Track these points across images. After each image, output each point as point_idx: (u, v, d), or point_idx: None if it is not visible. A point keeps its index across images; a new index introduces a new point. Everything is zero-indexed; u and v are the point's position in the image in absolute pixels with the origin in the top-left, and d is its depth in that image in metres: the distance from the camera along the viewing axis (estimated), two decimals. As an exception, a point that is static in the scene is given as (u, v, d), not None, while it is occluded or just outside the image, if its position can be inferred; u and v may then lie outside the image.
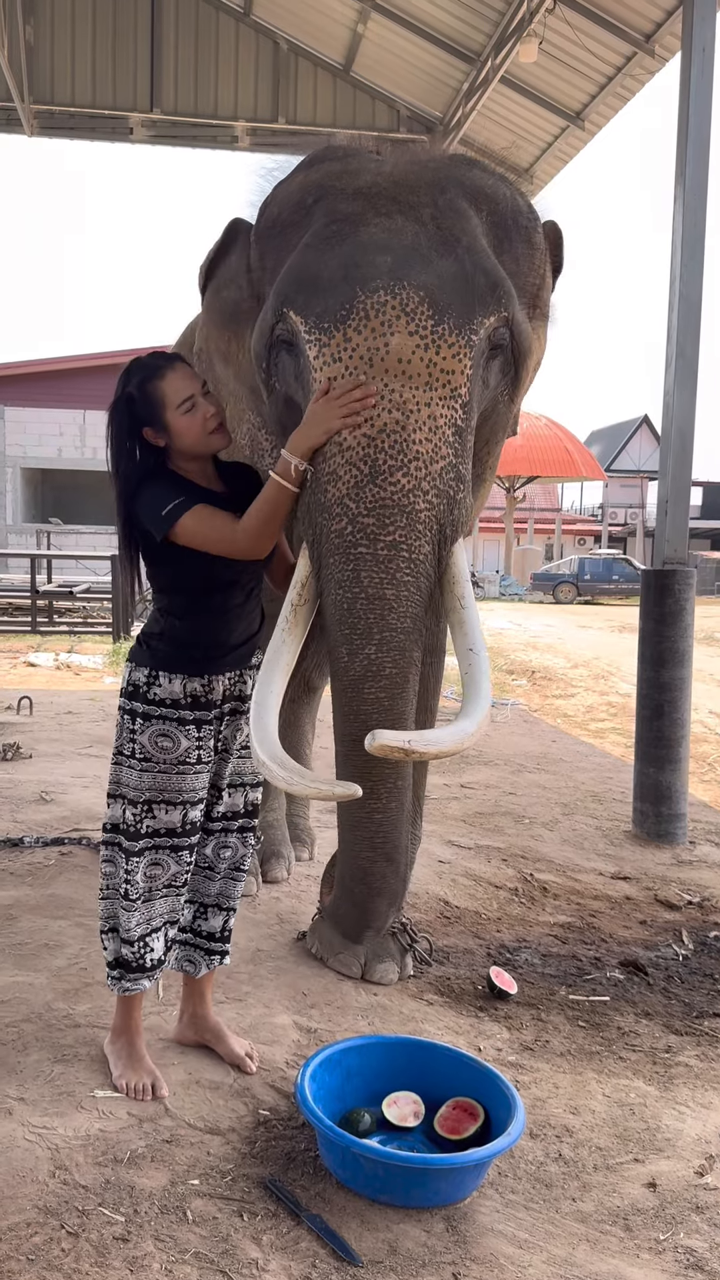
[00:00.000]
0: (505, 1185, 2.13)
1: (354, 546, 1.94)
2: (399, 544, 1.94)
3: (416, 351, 1.95)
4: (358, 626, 1.94)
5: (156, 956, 2.36)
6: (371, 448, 1.94)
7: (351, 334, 1.95)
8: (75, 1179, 2.04)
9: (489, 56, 8.36)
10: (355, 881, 2.11)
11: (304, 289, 2.02)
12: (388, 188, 2.12)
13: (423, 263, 2.00)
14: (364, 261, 1.99)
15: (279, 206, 2.24)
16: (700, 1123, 2.39)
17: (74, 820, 4.42)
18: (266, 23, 9.72)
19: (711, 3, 4.81)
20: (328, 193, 2.16)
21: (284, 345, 2.08)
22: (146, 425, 2.20)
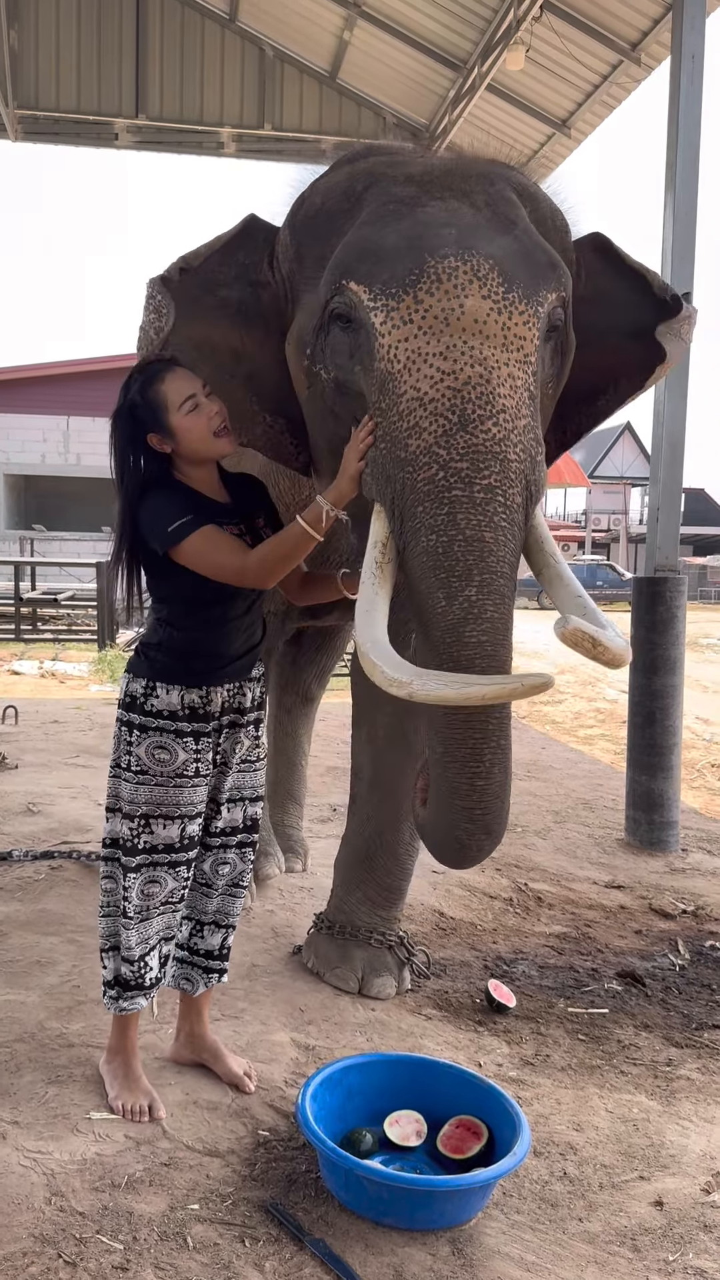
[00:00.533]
0: (510, 1205, 2.10)
1: (447, 491, 1.86)
2: (494, 488, 1.87)
3: (490, 314, 1.93)
4: (455, 569, 1.84)
5: (154, 974, 2.32)
6: (458, 398, 1.88)
7: (423, 296, 1.92)
8: (72, 1205, 2.00)
9: (475, 64, 8.36)
10: (449, 854, 2.02)
11: (366, 258, 1.99)
12: (440, 176, 2.12)
13: (486, 237, 2.00)
14: (429, 233, 1.98)
15: (322, 196, 2.21)
16: (705, 1138, 2.37)
17: (62, 832, 4.37)
18: (252, 29, 9.70)
19: (701, 10, 4.81)
20: (379, 179, 2.14)
21: (338, 321, 2.04)
22: (151, 431, 2.17)
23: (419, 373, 1.91)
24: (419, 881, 3.78)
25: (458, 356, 1.89)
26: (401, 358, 1.93)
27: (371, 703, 3.01)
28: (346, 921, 3.04)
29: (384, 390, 1.95)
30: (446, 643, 1.85)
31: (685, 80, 4.76)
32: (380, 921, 3.03)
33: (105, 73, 9.58)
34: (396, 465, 1.91)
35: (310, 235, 2.20)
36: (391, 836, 3.02)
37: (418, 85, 9.42)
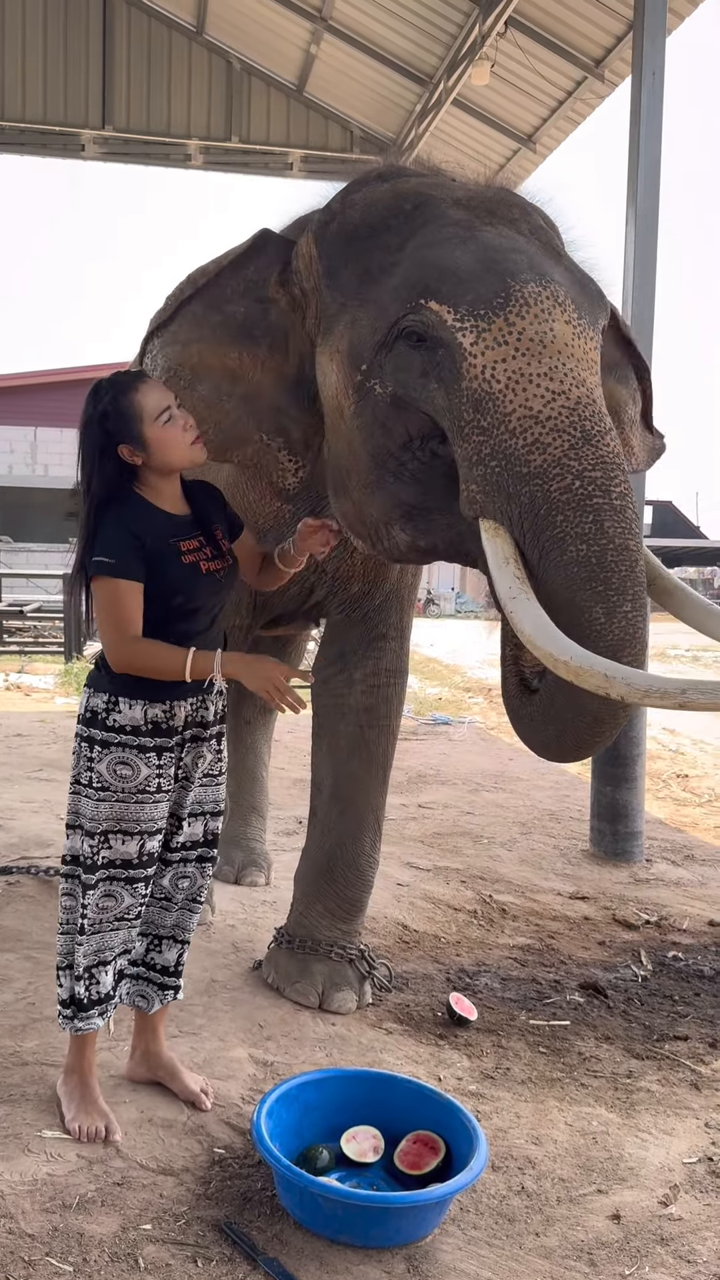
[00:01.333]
0: (467, 1221, 2.08)
1: (589, 499, 1.89)
2: (626, 496, 1.92)
3: (574, 339, 2.01)
4: (612, 581, 1.86)
5: (104, 990, 2.28)
6: (576, 415, 1.95)
7: (514, 319, 1.98)
8: (21, 1227, 1.96)
9: (441, 79, 8.43)
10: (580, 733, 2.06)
11: (446, 279, 2.03)
12: (483, 202, 2.19)
13: (550, 267, 2.08)
14: (502, 257, 2.04)
15: (362, 212, 2.24)
16: (663, 1150, 2.36)
17: (22, 847, 4.32)
18: (219, 42, 9.72)
19: (661, 28, 4.86)
20: (428, 200, 2.19)
21: (409, 338, 2.07)
22: (123, 442, 2.14)
23: (527, 392, 1.96)
24: (383, 894, 3.77)
25: (563, 377, 1.97)
26: (502, 378, 1.98)
27: (334, 714, 3.01)
28: (307, 935, 3.01)
29: (482, 409, 1.99)
30: (612, 658, 1.85)
31: (646, 96, 4.81)
32: (341, 935, 3.01)
33: (72, 84, 9.57)
34: (520, 480, 1.95)
35: (349, 251, 2.23)
36: (353, 847, 3.00)
37: (384, 99, 9.48)
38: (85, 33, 9.53)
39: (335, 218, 2.29)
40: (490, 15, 7.17)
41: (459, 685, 11.55)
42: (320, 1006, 2.89)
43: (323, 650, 3.09)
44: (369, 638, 2.98)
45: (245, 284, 2.39)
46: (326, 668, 3.04)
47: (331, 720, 3.03)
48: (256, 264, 2.40)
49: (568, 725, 2.07)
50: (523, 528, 1.96)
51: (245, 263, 2.40)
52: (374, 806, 3.03)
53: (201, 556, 2.21)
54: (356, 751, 2.99)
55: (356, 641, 2.98)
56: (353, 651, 2.99)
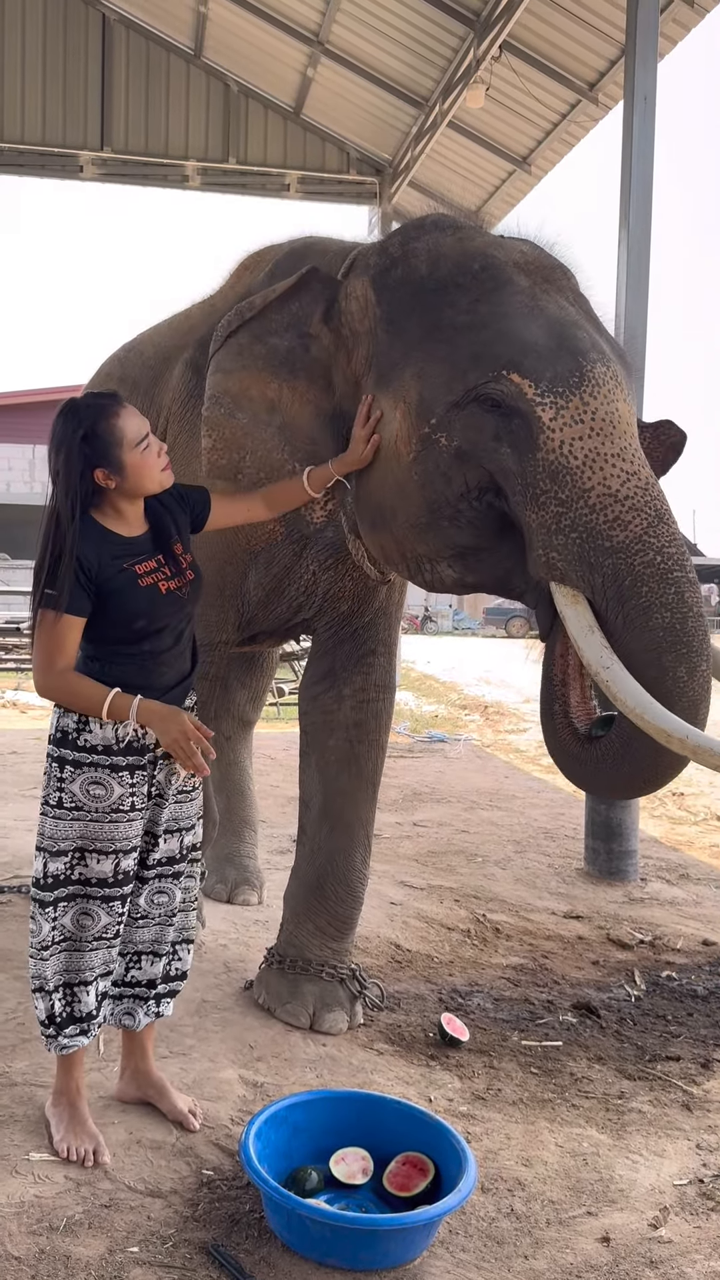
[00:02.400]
0: (456, 1244, 2.07)
1: (670, 572, 2.08)
2: (694, 570, 2.12)
3: (630, 417, 2.21)
4: (693, 644, 2.07)
5: (86, 1009, 2.27)
6: (649, 494, 2.14)
7: (589, 399, 2.15)
8: (8, 1249, 1.95)
9: (437, 101, 8.49)
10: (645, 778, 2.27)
11: (528, 354, 2.18)
12: (538, 266, 2.34)
13: (604, 339, 2.29)
14: (570, 333, 2.22)
15: (430, 265, 2.33)
16: (654, 1172, 2.35)
17: (15, 866, 4.31)
18: (217, 65, 9.80)
19: (653, 52, 4.91)
20: (493, 262, 2.31)
21: (484, 403, 2.20)
22: (100, 466, 2.14)
23: (604, 471, 2.13)
24: (376, 913, 3.77)
25: (632, 458, 2.16)
26: (579, 455, 2.14)
27: (323, 730, 3.03)
28: (297, 955, 3.01)
29: (559, 481, 2.15)
30: (688, 716, 2.04)
31: (638, 120, 4.85)
32: (331, 954, 3.01)
33: (70, 106, 9.62)
34: (603, 554, 2.11)
35: (415, 302, 2.33)
36: (343, 863, 3.01)
37: (380, 121, 9.55)
38: (84, 55, 9.60)
39: (397, 265, 2.37)
40: (485, 39, 7.23)
41: (455, 703, 11.55)
42: (311, 1027, 2.88)
43: (311, 667, 3.10)
44: (358, 654, 3.00)
45: (289, 318, 2.49)
46: (315, 684, 3.05)
47: (320, 736, 3.04)
48: (301, 300, 2.49)
49: (642, 768, 2.20)
50: (605, 595, 2.12)
51: (291, 298, 2.49)
52: (364, 821, 3.03)
53: (160, 576, 2.22)
54: (346, 766, 3.00)
55: (345, 658, 3.00)
56: (342, 668, 3.00)
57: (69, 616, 2.11)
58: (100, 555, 2.15)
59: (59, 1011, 2.25)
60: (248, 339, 2.50)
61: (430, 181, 9.79)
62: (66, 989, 2.25)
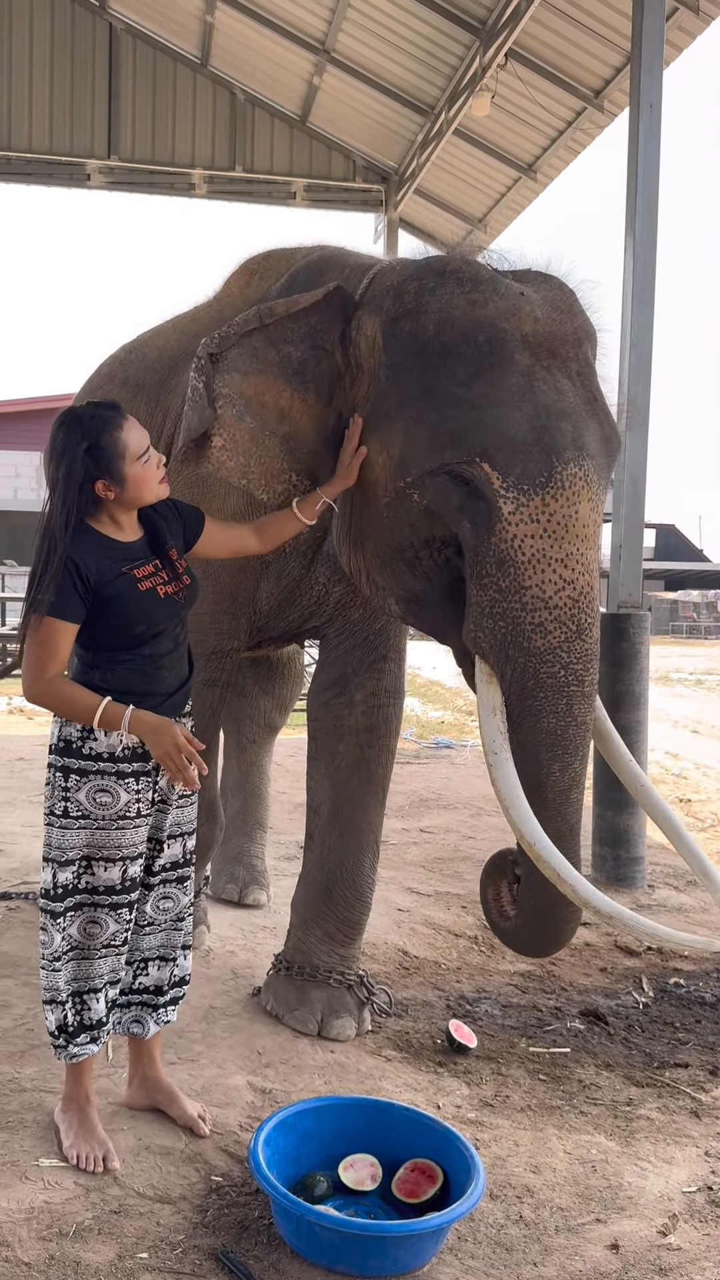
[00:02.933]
0: (465, 1250, 2.07)
1: (568, 686, 2.27)
2: (594, 682, 2.32)
3: (591, 515, 2.29)
4: (569, 747, 2.29)
5: (96, 1016, 2.27)
6: (577, 609, 2.26)
7: (549, 500, 2.23)
8: (18, 1255, 1.95)
9: (443, 109, 8.52)
10: (539, 942, 2.49)
11: (503, 448, 2.24)
12: (546, 339, 2.34)
13: (588, 430, 2.32)
14: (552, 427, 2.26)
15: (437, 327, 2.34)
16: (662, 1179, 2.35)
17: (23, 872, 4.32)
18: (224, 73, 9.84)
19: (658, 60, 4.92)
20: (500, 335, 2.31)
21: (456, 479, 2.28)
22: (101, 478, 2.15)
23: (543, 575, 2.24)
24: (383, 919, 3.77)
25: (575, 565, 2.26)
26: (527, 552, 2.24)
27: (332, 735, 3.04)
28: (305, 962, 3.01)
29: (503, 571, 2.26)
30: (557, 802, 2.29)
31: (644, 128, 4.87)
32: (339, 960, 3.01)
33: (78, 115, 9.68)
34: (520, 652, 2.27)
35: (418, 359, 2.37)
36: (352, 868, 3.01)
37: (386, 129, 9.58)
38: (91, 65, 9.65)
39: (408, 317, 2.38)
40: (491, 47, 7.26)
41: (462, 708, 11.54)
42: (319, 1034, 2.88)
43: (320, 673, 3.11)
44: (369, 660, 3.01)
45: (308, 330, 2.52)
46: (325, 690, 3.06)
47: (330, 741, 3.04)
48: (322, 315, 2.52)
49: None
50: (512, 688, 2.30)
51: (312, 311, 2.52)
52: (373, 826, 3.05)
53: (158, 581, 2.23)
54: (356, 771, 3.01)
55: (357, 664, 3.02)
56: (353, 674, 3.01)
57: (60, 622, 2.11)
58: (99, 561, 2.16)
59: (70, 1020, 2.25)
60: (263, 343, 2.53)
61: (436, 189, 9.83)
62: (76, 997, 2.26)
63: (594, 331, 2.49)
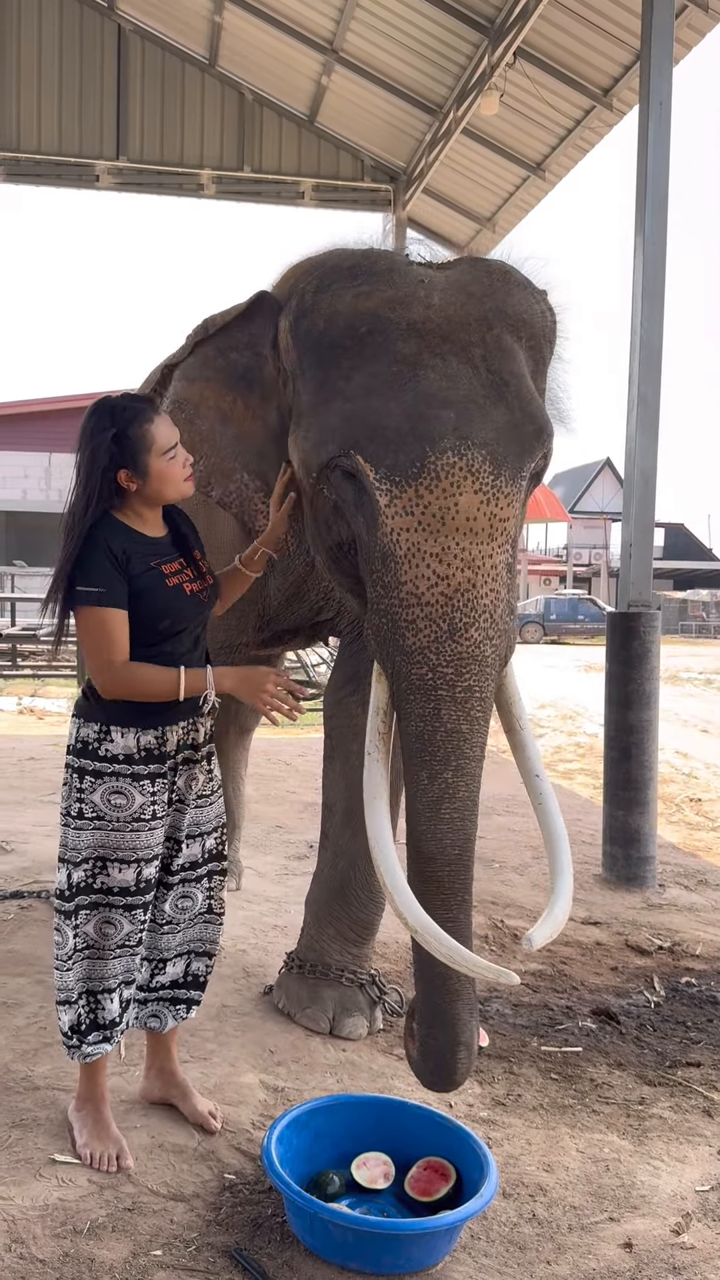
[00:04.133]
0: (478, 1249, 2.07)
1: (435, 690, 2.11)
2: (472, 688, 2.12)
3: (480, 508, 2.13)
4: (437, 754, 2.11)
5: (110, 1016, 2.28)
6: (449, 606, 2.11)
7: (424, 492, 2.11)
8: (33, 1252, 1.96)
9: (451, 108, 8.51)
10: (436, 991, 2.16)
11: (374, 439, 2.16)
12: (439, 325, 2.23)
13: (481, 417, 2.17)
14: (429, 415, 2.14)
15: (326, 322, 2.30)
16: (675, 1178, 2.35)
17: (34, 871, 4.33)
18: (232, 74, 9.85)
19: (668, 58, 4.91)
20: (382, 325, 2.24)
21: (344, 473, 2.22)
22: (125, 467, 2.17)
23: (417, 569, 2.11)
24: (394, 918, 3.76)
25: (451, 560, 2.11)
26: (403, 546, 2.12)
27: (349, 735, 3.03)
28: (318, 960, 3.02)
29: (385, 566, 2.15)
30: (426, 815, 2.11)
31: (653, 126, 4.86)
32: (351, 959, 3.02)
33: (86, 116, 9.69)
34: (397, 651, 2.15)
35: (312, 357, 2.34)
36: (366, 867, 2.98)
37: (395, 129, 9.58)
38: (100, 66, 9.67)
39: (306, 315, 2.36)
40: (499, 46, 7.25)
41: (471, 709, 11.51)
42: (331, 1032, 2.89)
43: (336, 672, 3.11)
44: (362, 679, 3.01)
45: (248, 337, 2.56)
46: (340, 689, 3.06)
47: (345, 741, 3.04)
48: (256, 322, 2.55)
49: None
50: (392, 687, 2.20)
51: (249, 318, 2.57)
52: None
53: (184, 578, 2.25)
54: None
55: (369, 662, 3.01)
56: (366, 672, 3.00)
57: (116, 611, 2.14)
58: (128, 550, 2.17)
59: (83, 1019, 2.26)
60: (213, 352, 2.60)
61: (445, 189, 9.82)
62: (89, 996, 2.26)
63: (521, 313, 2.33)
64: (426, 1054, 2.16)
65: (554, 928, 2.04)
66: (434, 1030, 2.13)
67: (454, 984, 2.11)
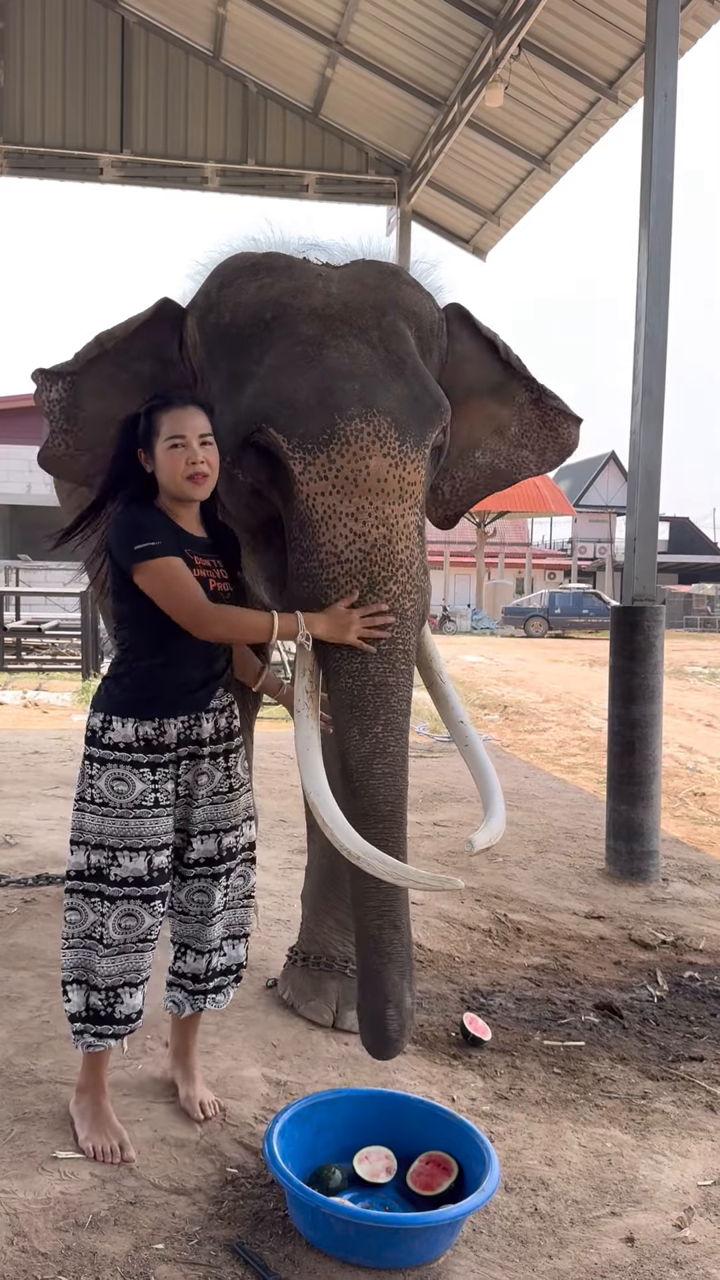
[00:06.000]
0: (480, 1243, 2.07)
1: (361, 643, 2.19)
2: (396, 640, 2.22)
3: (390, 470, 2.24)
4: (366, 709, 2.19)
5: (129, 1011, 2.28)
6: (367, 561, 2.21)
7: (335, 456, 2.21)
8: (35, 1246, 1.96)
9: (455, 101, 8.48)
10: (368, 953, 2.20)
11: (283, 410, 2.25)
12: (339, 310, 2.38)
13: (383, 388, 2.29)
14: (336, 387, 2.25)
15: (232, 314, 2.42)
16: (678, 1172, 2.35)
17: (39, 864, 4.34)
18: (236, 66, 9.82)
19: (673, 49, 4.89)
20: (286, 311, 2.37)
21: (259, 450, 2.30)
22: (141, 447, 2.28)
23: (334, 530, 2.21)
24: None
25: (366, 518, 2.21)
26: (319, 510, 2.22)
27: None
28: (320, 952, 3.04)
29: (304, 532, 2.24)
30: (359, 772, 2.17)
31: (658, 117, 4.83)
32: (353, 950, 3.01)
33: (90, 108, 9.67)
34: (319, 610, 2.21)
35: (221, 349, 2.45)
36: None
37: (399, 121, 9.54)
38: (103, 58, 9.64)
39: (211, 311, 2.47)
40: (504, 38, 7.22)
41: (474, 702, 11.54)
42: (334, 1025, 2.90)
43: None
44: None
45: (149, 346, 2.62)
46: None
47: None
48: (158, 330, 2.61)
49: None
50: (317, 649, 2.25)
51: (148, 328, 2.62)
52: None
53: (212, 575, 2.28)
54: None
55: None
56: None
57: (179, 559, 2.20)
58: (167, 530, 2.24)
59: (101, 1010, 2.27)
60: (113, 367, 2.61)
61: (449, 181, 9.79)
62: (111, 991, 2.27)
63: (411, 304, 2.48)
64: (362, 1018, 2.19)
65: (490, 835, 2.22)
66: (365, 993, 2.17)
67: (386, 946, 2.16)
